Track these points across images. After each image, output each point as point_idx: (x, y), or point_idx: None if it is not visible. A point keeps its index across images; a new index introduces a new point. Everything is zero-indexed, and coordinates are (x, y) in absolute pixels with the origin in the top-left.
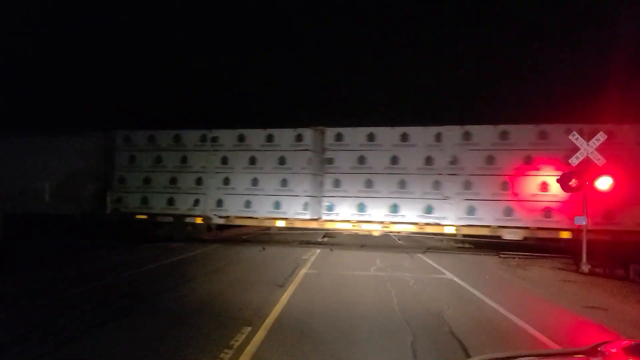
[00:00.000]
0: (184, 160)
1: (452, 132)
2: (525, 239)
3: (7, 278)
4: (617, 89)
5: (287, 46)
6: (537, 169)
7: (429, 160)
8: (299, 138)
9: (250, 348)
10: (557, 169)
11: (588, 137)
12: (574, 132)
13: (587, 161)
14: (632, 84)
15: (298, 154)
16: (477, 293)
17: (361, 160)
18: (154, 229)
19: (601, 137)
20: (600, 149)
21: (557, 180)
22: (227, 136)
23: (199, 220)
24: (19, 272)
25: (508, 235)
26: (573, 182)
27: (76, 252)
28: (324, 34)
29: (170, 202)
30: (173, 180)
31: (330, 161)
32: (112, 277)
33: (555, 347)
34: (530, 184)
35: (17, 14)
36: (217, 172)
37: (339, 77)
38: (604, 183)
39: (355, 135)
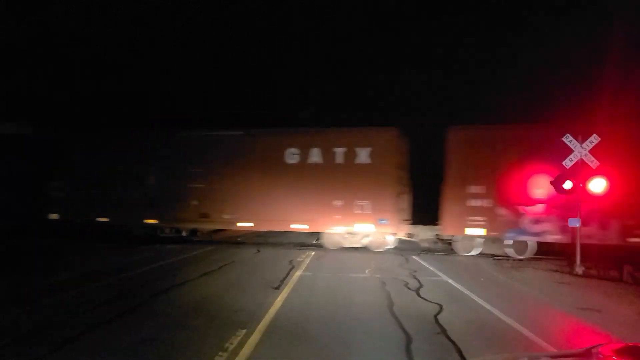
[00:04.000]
0: None
1: None
2: None
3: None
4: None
5: None
6: None
7: None
8: None
9: (245, 351)
10: None
11: None
12: (568, 135)
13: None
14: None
15: None
16: (472, 295)
17: None
18: None
19: (595, 139)
20: None
21: (551, 183)
22: None
23: None
24: (18, 272)
25: None
26: (567, 185)
27: (72, 254)
28: None
29: None
30: None
31: None
32: (108, 279)
33: (549, 349)
34: None
35: None
36: None
37: None
38: (597, 185)
39: None
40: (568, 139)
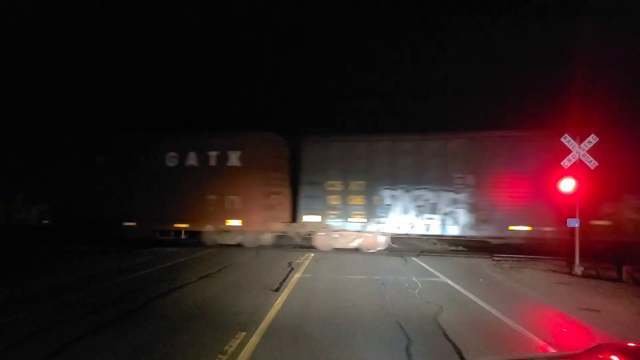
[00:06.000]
0: None
1: None
2: None
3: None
4: None
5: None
6: None
7: None
8: None
9: (245, 353)
10: None
11: None
12: (566, 135)
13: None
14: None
15: None
16: (471, 296)
17: None
18: None
19: (593, 139)
20: None
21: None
22: None
23: None
24: (18, 276)
25: None
26: (566, 185)
27: (71, 258)
28: None
29: None
30: None
31: None
32: (107, 282)
33: (549, 350)
34: None
35: None
36: None
37: None
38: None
39: None
40: (566, 139)
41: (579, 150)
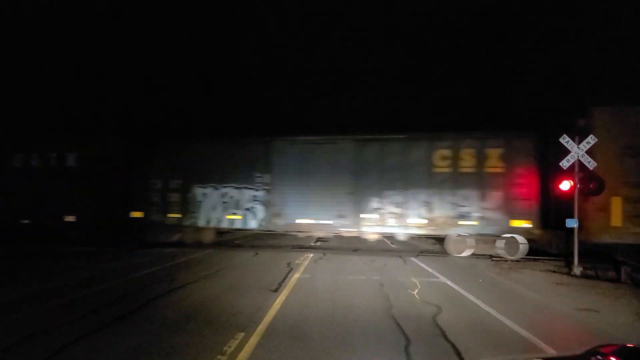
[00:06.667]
0: None
1: None
2: None
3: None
4: None
5: None
6: None
7: None
8: None
9: (244, 354)
10: None
11: None
12: (564, 135)
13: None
14: None
15: None
16: (470, 296)
17: None
18: None
19: (591, 140)
20: None
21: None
22: None
23: None
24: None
25: None
26: (564, 185)
27: (70, 258)
28: None
29: None
30: None
31: None
32: (107, 283)
33: (548, 351)
34: None
35: None
36: None
37: None
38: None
39: None
40: (565, 140)
41: (578, 150)
